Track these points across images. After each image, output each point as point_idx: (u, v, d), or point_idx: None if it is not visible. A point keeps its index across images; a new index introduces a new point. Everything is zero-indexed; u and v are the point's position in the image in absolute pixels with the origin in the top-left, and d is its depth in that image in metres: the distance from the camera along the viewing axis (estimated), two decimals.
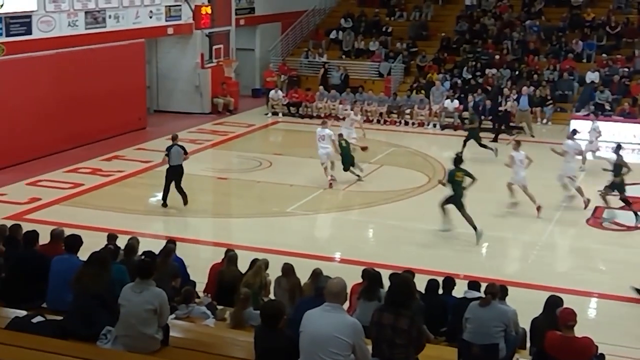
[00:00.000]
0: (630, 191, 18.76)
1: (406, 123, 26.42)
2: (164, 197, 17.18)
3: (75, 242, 8.61)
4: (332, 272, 9.54)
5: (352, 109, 22.92)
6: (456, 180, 15.37)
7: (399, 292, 6.47)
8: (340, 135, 19.24)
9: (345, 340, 5.99)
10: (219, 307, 10.07)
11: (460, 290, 10.20)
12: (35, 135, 20.79)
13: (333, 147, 18.71)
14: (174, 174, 17.08)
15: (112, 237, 11.15)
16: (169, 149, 17.23)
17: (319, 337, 6.04)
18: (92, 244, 9.60)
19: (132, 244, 10.52)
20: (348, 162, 18.92)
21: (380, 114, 26.85)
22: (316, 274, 9.98)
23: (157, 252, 10.53)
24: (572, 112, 26.12)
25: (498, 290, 8.78)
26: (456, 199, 15.30)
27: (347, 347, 6.01)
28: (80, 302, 7.48)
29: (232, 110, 27.94)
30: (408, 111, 26.69)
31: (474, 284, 9.90)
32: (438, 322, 9.49)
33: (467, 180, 15.29)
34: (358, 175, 19.09)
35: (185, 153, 17.25)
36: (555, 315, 7.81)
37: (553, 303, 8.87)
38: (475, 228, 15.16)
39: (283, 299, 9.82)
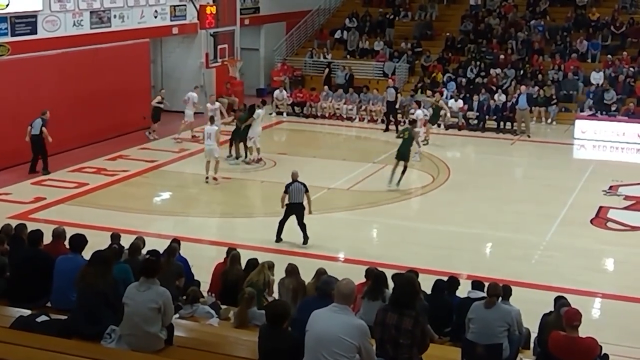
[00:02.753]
0: (631, 191, 18.85)
1: (411, 122, 26.37)
2: None
3: (80, 242, 8.63)
4: (336, 272, 9.59)
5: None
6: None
7: (403, 292, 6.46)
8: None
9: (350, 341, 5.97)
10: (223, 306, 10.09)
11: (463, 290, 10.21)
12: None
13: None
14: None
15: (115, 236, 11.17)
16: None
17: (324, 337, 6.02)
18: (97, 243, 9.63)
19: (137, 244, 10.56)
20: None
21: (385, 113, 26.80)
22: (320, 274, 9.97)
23: (161, 251, 10.56)
24: (576, 112, 26.11)
25: (501, 292, 8.77)
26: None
27: (352, 348, 5.98)
28: (84, 301, 7.51)
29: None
30: (412, 111, 26.62)
31: (477, 284, 9.90)
32: (443, 322, 9.48)
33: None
34: None
35: None
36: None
37: (562, 304, 8.89)
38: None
39: (287, 299, 9.82)
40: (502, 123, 25.68)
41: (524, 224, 16.68)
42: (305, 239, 15.01)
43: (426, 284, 9.97)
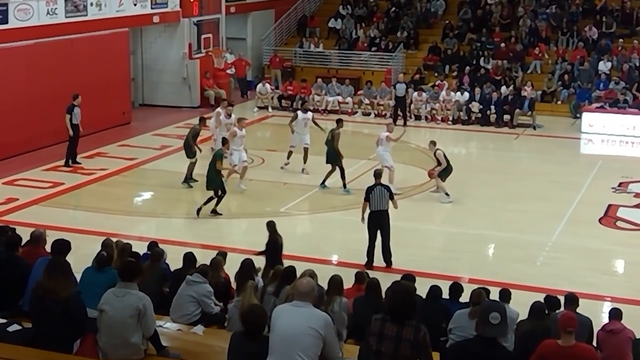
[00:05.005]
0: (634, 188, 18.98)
1: (417, 117, 26.49)
2: None
3: (62, 247, 8.64)
4: (328, 275, 9.62)
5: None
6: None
7: (400, 303, 6.40)
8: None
9: (317, 330, 6.21)
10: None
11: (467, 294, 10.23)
12: (11, 131, 20.77)
13: None
14: None
15: (107, 243, 11.06)
16: None
17: (290, 331, 6.22)
18: (73, 246, 9.61)
19: (125, 247, 10.64)
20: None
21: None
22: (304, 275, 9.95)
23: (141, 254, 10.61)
24: (586, 104, 26.19)
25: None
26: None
27: (318, 339, 6.21)
28: (43, 311, 7.44)
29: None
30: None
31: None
32: (438, 331, 9.39)
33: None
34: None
35: None
36: (541, 321, 7.86)
37: (539, 308, 8.93)
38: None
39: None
40: (502, 116, 25.77)
41: (528, 223, 16.73)
42: (389, 262, 14.10)
43: (423, 288, 10.03)
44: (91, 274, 8.93)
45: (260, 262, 11.67)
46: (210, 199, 16.68)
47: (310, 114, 20.69)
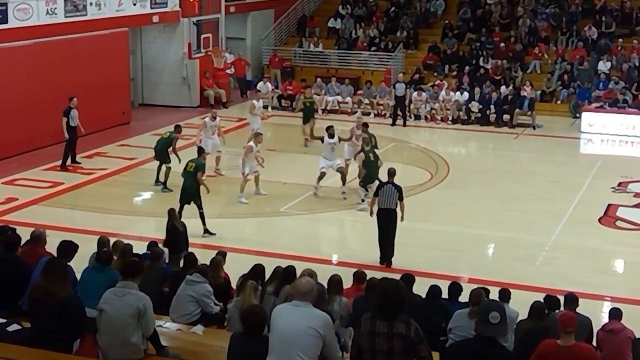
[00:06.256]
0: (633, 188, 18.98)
1: (417, 117, 26.51)
2: None
3: (67, 249, 8.64)
4: (327, 275, 9.64)
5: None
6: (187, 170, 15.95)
7: (391, 301, 6.38)
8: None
9: (317, 330, 6.20)
10: None
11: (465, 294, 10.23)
12: (10, 131, 20.76)
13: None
14: None
15: (103, 241, 11.08)
16: None
17: (290, 331, 6.21)
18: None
19: (126, 248, 10.64)
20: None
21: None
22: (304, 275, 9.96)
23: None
24: (585, 104, 26.19)
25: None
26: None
27: (318, 339, 6.21)
28: (41, 312, 7.45)
29: (225, 103, 28.00)
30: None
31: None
32: (438, 331, 9.39)
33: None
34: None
35: None
36: (541, 321, 7.86)
37: (539, 308, 8.93)
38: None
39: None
40: (502, 116, 25.80)
41: (528, 223, 16.73)
42: (388, 262, 14.14)
43: (423, 288, 10.03)
44: (91, 274, 8.94)
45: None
46: (201, 215, 15.97)
47: (336, 137, 19.83)
